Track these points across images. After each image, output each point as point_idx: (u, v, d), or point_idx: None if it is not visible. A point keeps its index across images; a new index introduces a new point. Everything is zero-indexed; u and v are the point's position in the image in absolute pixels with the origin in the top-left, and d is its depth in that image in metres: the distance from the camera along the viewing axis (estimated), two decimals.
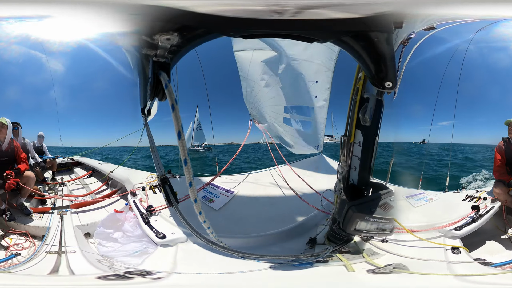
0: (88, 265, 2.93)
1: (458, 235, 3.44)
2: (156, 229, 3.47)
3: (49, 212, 4.23)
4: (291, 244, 3.60)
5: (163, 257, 3.08)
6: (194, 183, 2.28)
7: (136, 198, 4.26)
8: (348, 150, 3.02)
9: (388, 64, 2.27)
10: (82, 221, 4.00)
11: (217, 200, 4.73)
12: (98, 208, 4.49)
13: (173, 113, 2.02)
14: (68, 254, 3.11)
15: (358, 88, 2.78)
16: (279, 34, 2.31)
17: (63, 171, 7.10)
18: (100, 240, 3.61)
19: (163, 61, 2.15)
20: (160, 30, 1.99)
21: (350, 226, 2.83)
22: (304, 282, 2.72)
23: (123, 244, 3.51)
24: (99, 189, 5.50)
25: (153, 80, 2.16)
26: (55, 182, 5.86)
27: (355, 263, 2.95)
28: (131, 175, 5.28)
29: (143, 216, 3.74)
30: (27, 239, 3.57)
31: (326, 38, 2.23)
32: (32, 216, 4.05)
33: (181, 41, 2.06)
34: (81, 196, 5.00)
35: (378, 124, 2.74)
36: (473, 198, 4.31)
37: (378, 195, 2.84)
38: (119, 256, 3.28)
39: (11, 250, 3.33)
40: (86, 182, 6.15)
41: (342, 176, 3.13)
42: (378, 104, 2.64)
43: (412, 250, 3.25)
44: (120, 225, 3.80)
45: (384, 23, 2.18)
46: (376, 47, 2.21)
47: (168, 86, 2.06)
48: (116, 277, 2.61)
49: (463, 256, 3.05)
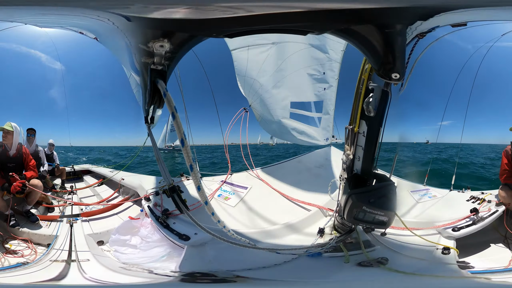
0: (110, 272, 2.95)
1: (454, 236, 3.43)
2: (178, 232, 3.43)
3: (57, 220, 4.24)
4: (304, 235, 3.65)
5: (199, 257, 3.10)
6: (202, 186, 2.26)
7: (150, 204, 4.25)
8: (352, 140, 3.01)
9: (397, 55, 2.19)
10: (94, 230, 4.00)
11: (232, 197, 4.80)
12: (111, 216, 4.51)
13: (174, 122, 1.99)
14: (81, 262, 3.11)
15: (364, 79, 2.74)
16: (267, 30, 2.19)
17: (73, 179, 7.18)
18: (116, 247, 3.61)
19: (160, 68, 2.14)
20: (153, 38, 1.97)
21: (349, 214, 2.80)
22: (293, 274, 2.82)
23: (145, 250, 3.50)
24: (111, 197, 5.51)
25: (151, 88, 2.15)
26: (64, 190, 5.94)
27: (354, 254, 3.04)
28: (143, 181, 5.29)
29: (160, 220, 3.72)
30: (28, 246, 3.55)
31: (323, 29, 2.14)
32: (39, 223, 4.05)
33: (173, 47, 2.04)
34: (92, 204, 5.03)
35: (383, 115, 2.69)
36: (477, 199, 4.31)
37: (379, 186, 2.82)
38: (144, 263, 3.28)
39: (7, 256, 3.30)
40: (97, 190, 6.19)
41: (347, 166, 3.14)
42: (384, 95, 2.57)
43: (404, 246, 3.29)
44: (136, 231, 3.80)
45: (403, 15, 2.08)
46: (386, 38, 2.13)
47: (167, 94, 2.03)
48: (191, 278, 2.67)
49: (449, 257, 3.07)
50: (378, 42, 2.14)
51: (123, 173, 6.30)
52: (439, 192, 5.15)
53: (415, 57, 2.45)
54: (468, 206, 3.98)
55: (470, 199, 4.38)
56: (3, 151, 4.29)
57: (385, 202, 2.71)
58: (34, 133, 5.56)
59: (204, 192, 2.30)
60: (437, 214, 4.06)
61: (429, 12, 2.05)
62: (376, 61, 2.24)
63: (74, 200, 5.27)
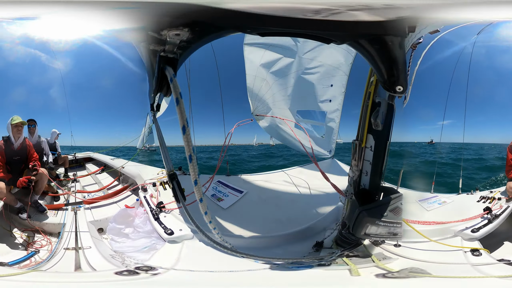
0: (104, 261, 2.98)
1: (476, 237, 3.37)
2: (165, 225, 3.51)
3: (63, 209, 4.29)
4: (297, 247, 3.59)
5: (169, 253, 3.12)
6: (199, 181, 2.25)
7: (147, 194, 4.30)
8: (359, 155, 3.01)
9: (400, 68, 2.28)
10: (95, 217, 4.07)
11: (226, 199, 4.74)
12: (110, 204, 4.55)
13: (177, 107, 1.98)
14: (85, 250, 3.17)
15: (370, 93, 2.78)
16: (298, 33, 2.32)
17: (75, 167, 7.21)
18: (112, 236, 3.68)
19: (172, 56, 2.13)
20: (169, 26, 1.96)
21: (360, 230, 2.83)
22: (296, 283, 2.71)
23: (134, 240, 3.57)
24: (111, 185, 5.56)
25: (158, 74, 2.14)
26: (68, 178, 5.94)
27: (363, 268, 2.90)
28: (142, 170, 5.33)
29: (153, 212, 3.79)
30: (45, 237, 3.64)
31: (344, 39, 2.25)
32: (47, 213, 4.10)
33: (192, 37, 2.03)
34: (94, 192, 5.08)
35: (389, 128, 2.73)
36: (487, 199, 4.26)
37: (389, 199, 2.82)
38: (130, 252, 3.34)
39: (29, 248, 3.38)
40: (98, 178, 6.23)
41: (354, 181, 3.12)
42: (390, 108, 2.63)
43: (428, 254, 3.20)
44: (131, 220, 3.86)
45: (399, 27, 2.19)
46: (390, 50, 2.22)
47: (173, 80, 2.03)
48: (128, 272, 2.64)
49: (485, 258, 2.99)
50: (383, 56, 2.23)
51: (123, 161, 6.29)
52: (447, 197, 5.01)
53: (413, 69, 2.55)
54: (480, 207, 3.95)
55: (480, 200, 4.33)
56: (8, 145, 4.25)
57: (398, 214, 2.77)
58: (35, 124, 5.45)
59: (200, 187, 2.31)
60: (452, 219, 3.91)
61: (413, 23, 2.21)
62: (382, 74, 2.31)
63: (77, 188, 5.33)
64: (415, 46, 2.57)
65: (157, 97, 2.74)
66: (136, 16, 2.16)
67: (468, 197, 4.83)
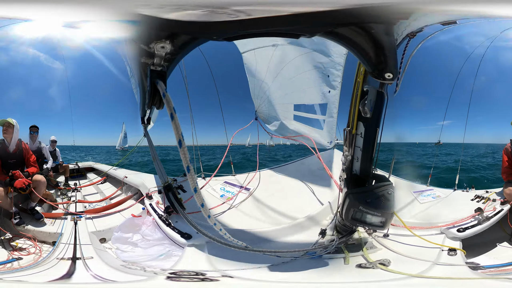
0: (111, 270, 2.95)
1: (459, 237, 3.38)
2: (180, 230, 3.42)
3: (61, 218, 4.23)
4: (305, 236, 3.63)
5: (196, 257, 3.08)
6: (199, 188, 2.30)
7: (152, 202, 4.22)
8: (350, 141, 3.06)
9: (388, 55, 2.24)
10: (97, 227, 4.02)
11: (235, 198, 4.82)
12: (114, 213, 4.53)
13: (172, 122, 2.03)
14: (86, 260, 3.11)
15: (359, 82, 2.78)
16: (263, 33, 2.29)
17: (76, 176, 7.23)
18: (118, 245, 3.63)
19: (160, 69, 2.17)
20: (156, 38, 2.01)
21: (346, 214, 2.87)
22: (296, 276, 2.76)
23: (145, 249, 3.51)
24: (114, 195, 5.56)
25: (151, 89, 2.16)
26: (68, 187, 5.95)
27: (355, 256, 3.03)
28: (146, 179, 5.32)
29: (162, 218, 3.71)
30: (35, 245, 3.56)
31: (314, 32, 2.20)
32: (43, 221, 4.05)
33: (173, 48, 2.07)
34: (96, 202, 5.07)
35: (379, 116, 2.73)
36: (482, 198, 4.27)
37: (376, 186, 2.85)
38: (144, 261, 3.28)
39: (15, 254, 3.30)
40: (100, 188, 6.24)
41: (346, 167, 3.16)
42: (380, 96, 2.61)
43: (407, 247, 3.25)
44: (137, 229, 3.82)
45: (381, 14, 2.12)
46: (373, 38, 2.17)
47: (166, 95, 2.06)
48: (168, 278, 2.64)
49: (457, 258, 3.00)
50: (366, 43, 2.18)
51: (126, 171, 6.33)
52: (443, 192, 5.11)
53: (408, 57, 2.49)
54: (472, 206, 3.94)
55: (474, 199, 4.34)
56: (3, 147, 4.24)
57: (383, 202, 2.74)
58: (37, 130, 5.56)
59: (201, 194, 2.35)
60: (440, 214, 4.02)
61: (403, 10, 2.13)
62: (369, 62, 2.28)
63: (78, 198, 5.30)
64: (414, 34, 2.50)
65: (148, 111, 2.74)
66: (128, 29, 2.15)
67: (463, 194, 4.88)
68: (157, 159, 2.96)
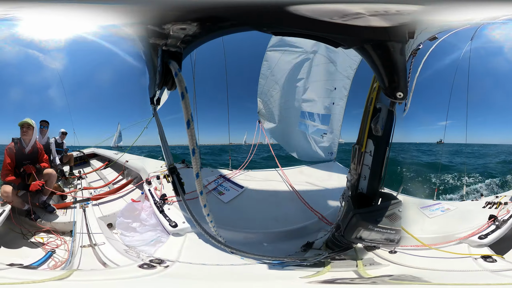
0: (120, 256, 3.03)
1: (484, 243, 3.22)
2: (170, 218, 3.53)
3: (71, 207, 4.30)
4: (287, 245, 3.57)
5: (172, 246, 3.15)
6: (201, 174, 2.26)
7: (151, 187, 4.31)
8: (359, 159, 3.01)
9: (400, 74, 2.31)
10: (103, 212, 4.10)
11: (226, 193, 4.80)
12: (117, 199, 4.61)
13: (182, 101, 1.95)
14: (100, 246, 3.20)
15: (372, 98, 2.81)
16: (311, 35, 2.31)
17: (79, 164, 7.26)
18: (122, 230, 3.75)
19: (174, 50, 2.10)
20: (174, 20, 1.94)
21: (351, 233, 2.81)
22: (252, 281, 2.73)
23: (141, 233, 3.64)
24: (116, 180, 5.62)
25: (162, 69, 2.10)
26: (74, 176, 5.98)
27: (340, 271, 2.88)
28: (146, 163, 5.36)
29: (157, 204, 3.81)
30: (58, 237, 3.66)
31: (351, 44, 2.28)
32: (56, 213, 4.12)
33: (199, 31, 2.02)
34: (100, 188, 5.14)
35: (389, 135, 2.74)
36: (493, 204, 4.10)
37: (386, 205, 2.79)
38: (139, 245, 3.41)
39: (47, 248, 3.40)
40: (103, 173, 6.29)
41: (351, 184, 3.13)
42: (390, 115, 2.66)
43: (427, 261, 3.09)
44: (137, 214, 3.92)
45: (401, 33, 2.22)
46: (391, 56, 2.25)
47: (178, 74, 1.99)
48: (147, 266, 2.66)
49: (501, 264, 2.84)
50: (386, 61, 2.27)
51: (127, 155, 6.31)
52: (451, 204, 4.81)
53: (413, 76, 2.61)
54: (486, 213, 3.78)
55: (486, 205, 4.17)
56: (20, 148, 4.16)
57: (394, 221, 2.73)
58: (47, 125, 5.48)
59: (201, 181, 2.32)
60: (455, 226, 3.78)
61: (413, 29, 2.23)
62: (384, 80, 2.35)
63: (84, 185, 5.37)
64: (415, 52, 2.61)
65: (158, 91, 2.72)
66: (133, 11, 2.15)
67: (473, 204, 4.68)
68: (165, 140, 2.93)
